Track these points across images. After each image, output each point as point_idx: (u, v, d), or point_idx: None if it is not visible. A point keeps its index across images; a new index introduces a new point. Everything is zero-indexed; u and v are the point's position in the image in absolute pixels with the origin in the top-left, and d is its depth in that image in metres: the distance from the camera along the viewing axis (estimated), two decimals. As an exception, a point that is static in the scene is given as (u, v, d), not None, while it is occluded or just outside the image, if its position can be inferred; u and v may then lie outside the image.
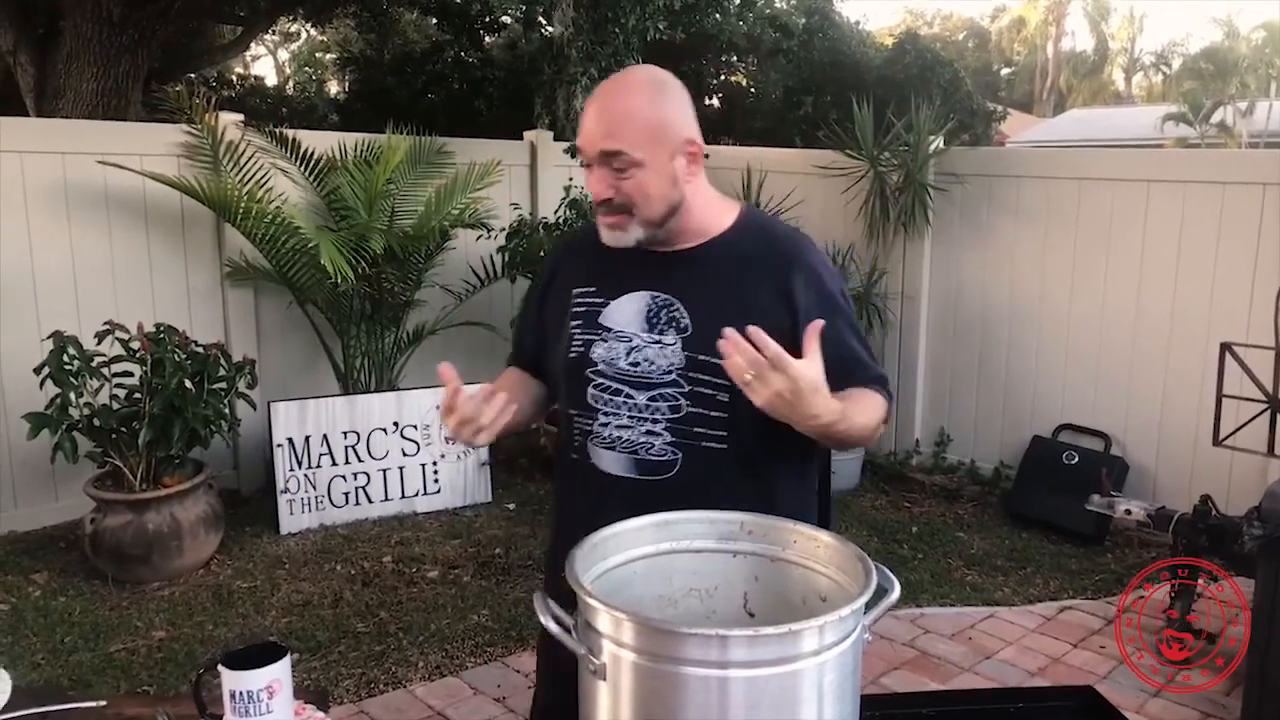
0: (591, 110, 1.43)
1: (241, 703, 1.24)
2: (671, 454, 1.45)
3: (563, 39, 5.22)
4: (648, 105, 1.43)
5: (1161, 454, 4.27)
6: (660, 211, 1.44)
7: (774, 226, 1.59)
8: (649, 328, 1.46)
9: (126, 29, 6.27)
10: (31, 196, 4.05)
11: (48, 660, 3.13)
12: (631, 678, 1.11)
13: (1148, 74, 33.53)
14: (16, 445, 3.86)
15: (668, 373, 1.44)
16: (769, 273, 1.48)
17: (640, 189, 1.42)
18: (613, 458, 1.47)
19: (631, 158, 1.40)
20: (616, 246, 1.47)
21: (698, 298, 1.46)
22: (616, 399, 1.46)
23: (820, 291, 1.49)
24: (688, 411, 1.44)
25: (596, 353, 1.48)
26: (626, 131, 1.40)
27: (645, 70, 1.50)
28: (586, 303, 1.52)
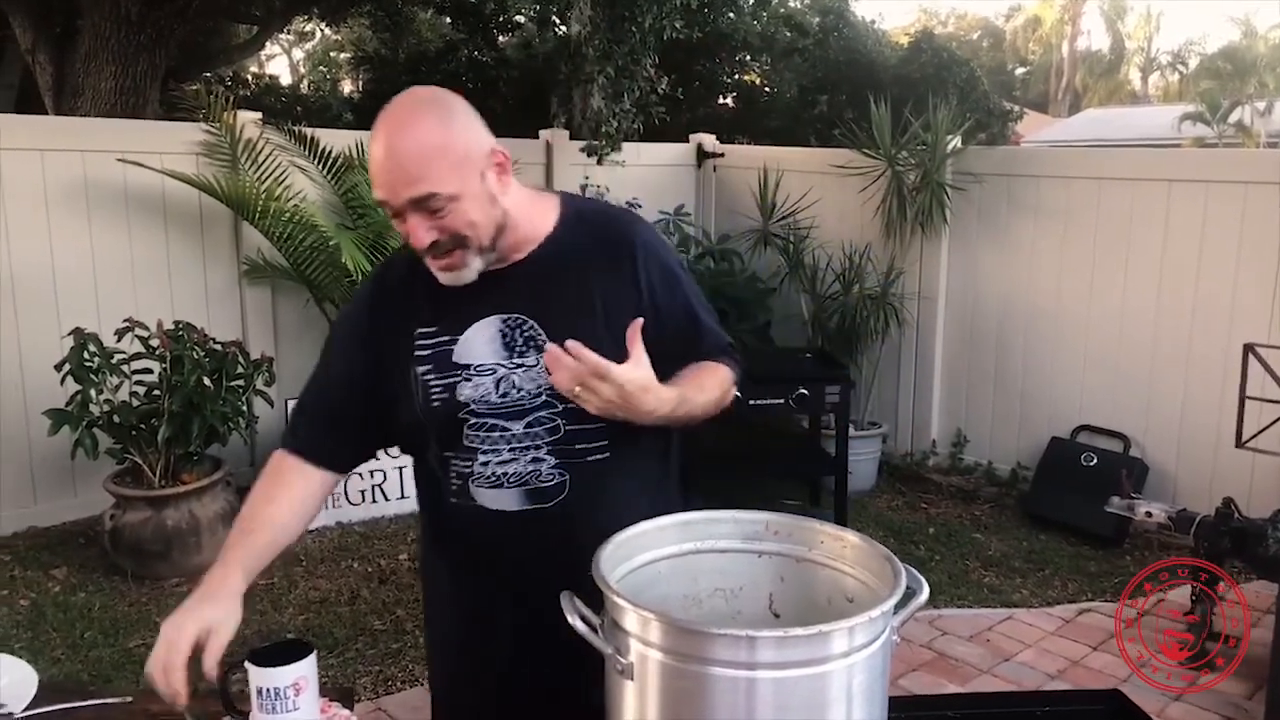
0: (381, 156, 1.29)
1: (268, 699, 1.24)
2: (559, 475, 1.39)
3: (579, 38, 5.22)
4: (439, 133, 1.30)
5: (1182, 456, 4.24)
6: (490, 235, 1.35)
7: (601, 212, 1.53)
8: (509, 353, 1.38)
9: (144, 28, 6.30)
10: (52, 194, 4.08)
11: (67, 655, 3.15)
12: (659, 677, 1.11)
13: (1164, 73, 33.30)
14: (37, 441, 3.88)
15: (538, 395, 1.37)
16: (609, 262, 1.43)
17: (465, 221, 1.31)
18: (498, 494, 1.39)
19: (445, 195, 1.29)
20: (459, 285, 1.37)
21: (549, 309, 1.39)
22: (494, 435, 1.38)
23: (660, 267, 1.46)
24: (566, 430, 1.38)
25: (464, 393, 1.38)
26: (428, 171, 1.28)
27: (418, 96, 1.35)
28: (432, 344, 1.40)
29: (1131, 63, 34.40)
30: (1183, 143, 17.00)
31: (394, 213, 1.32)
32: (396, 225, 1.35)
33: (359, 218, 4.58)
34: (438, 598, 1.58)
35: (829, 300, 5.01)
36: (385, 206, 1.32)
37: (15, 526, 4.08)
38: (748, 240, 5.32)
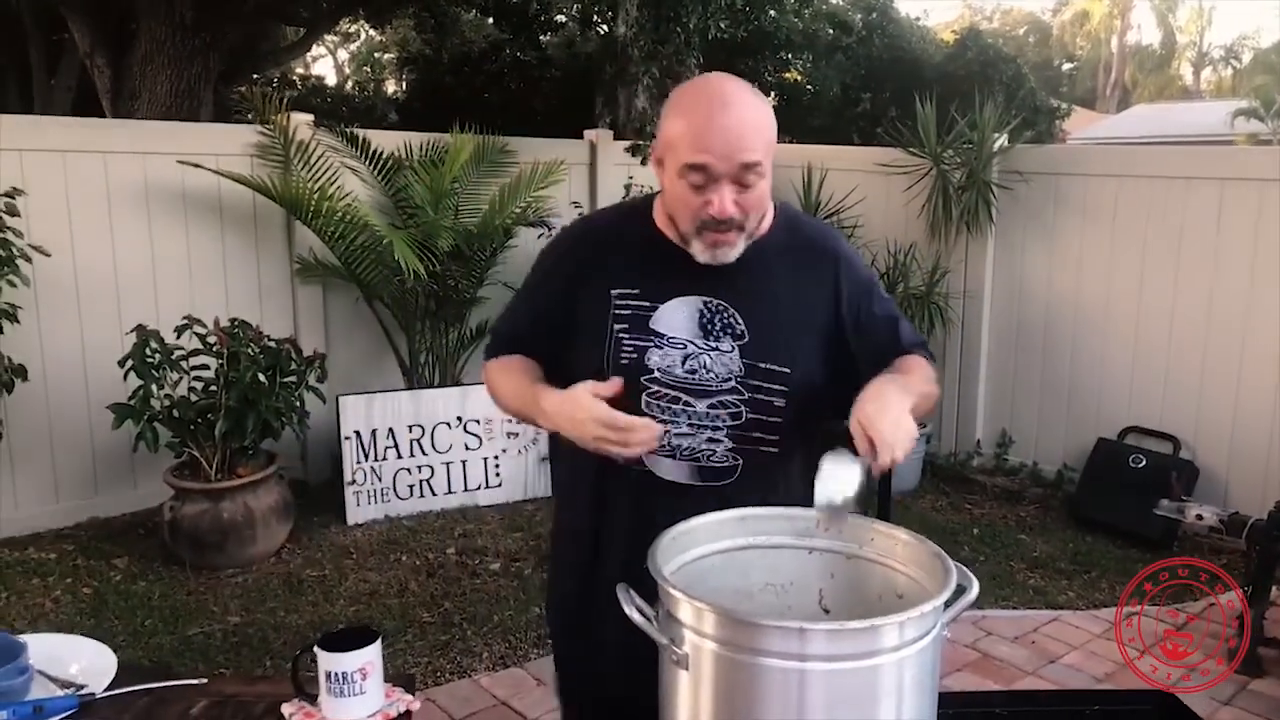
0: (712, 120, 1.33)
1: (336, 683, 1.30)
2: (733, 460, 1.45)
3: (625, 38, 5.26)
4: (765, 111, 1.38)
5: (1234, 458, 4.18)
6: (758, 220, 1.42)
7: (807, 223, 1.60)
8: (704, 334, 1.43)
9: (198, 32, 6.45)
10: (115, 196, 4.20)
11: (129, 642, 3.25)
12: (713, 668, 1.14)
13: (1217, 68, 32.58)
14: (99, 435, 4.01)
15: (726, 380, 1.42)
16: (815, 271, 1.50)
17: (760, 201, 1.39)
18: (673, 465, 1.45)
19: (764, 167, 1.36)
20: (719, 263, 1.41)
21: (753, 304, 1.44)
22: (674, 406, 1.43)
23: (857, 277, 1.54)
24: (748, 418, 1.43)
25: (652, 359, 1.43)
26: (759, 141, 1.35)
27: (731, 77, 1.41)
28: (632, 306, 1.45)
29: (1183, 57, 33.69)
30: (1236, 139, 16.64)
31: (706, 179, 1.34)
32: (687, 197, 1.36)
33: (409, 218, 4.66)
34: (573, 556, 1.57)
35: (873, 299, 4.99)
36: (697, 172, 1.33)
37: (78, 517, 4.21)
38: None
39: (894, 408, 1.30)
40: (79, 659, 1.45)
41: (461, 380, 4.77)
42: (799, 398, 1.44)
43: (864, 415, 1.29)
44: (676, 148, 1.36)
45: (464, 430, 4.48)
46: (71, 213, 4.09)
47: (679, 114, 1.37)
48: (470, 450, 4.51)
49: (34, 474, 4.12)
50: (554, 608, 1.68)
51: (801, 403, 1.45)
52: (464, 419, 4.48)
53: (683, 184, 1.36)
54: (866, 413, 1.29)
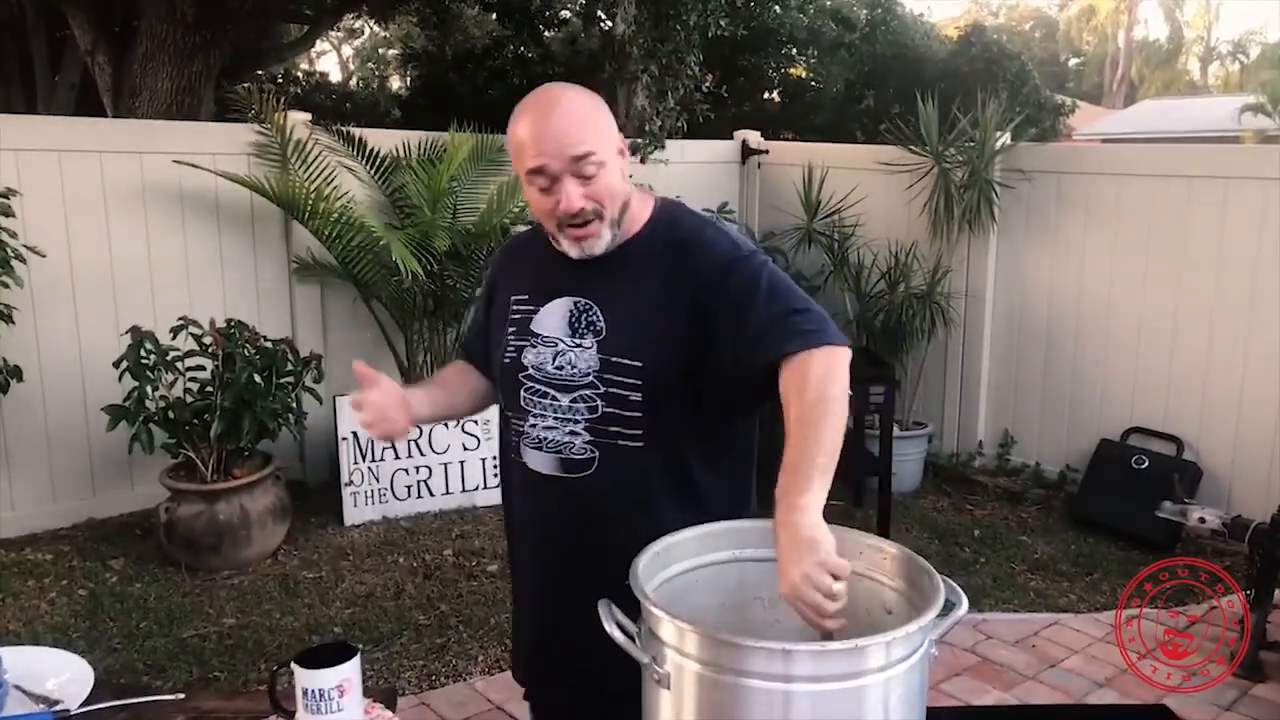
0: (541, 124, 1.41)
1: (313, 700, 1.27)
2: (590, 452, 1.48)
3: (624, 37, 5.22)
4: (592, 104, 1.46)
5: (1238, 460, 4.14)
6: (619, 209, 1.47)
7: (685, 221, 1.56)
8: (571, 333, 1.50)
9: (199, 29, 6.43)
10: (111, 195, 4.19)
11: (124, 645, 3.24)
12: (695, 688, 1.12)
13: (1224, 64, 32.40)
14: (96, 435, 3.99)
15: (585, 375, 1.47)
16: (679, 268, 1.49)
17: (607, 189, 1.44)
18: (540, 457, 1.52)
19: (599, 157, 1.42)
20: (589, 256, 1.48)
21: (612, 301, 1.50)
22: (544, 401, 1.50)
23: (717, 273, 1.45)
24: (604, 412, 1.46)
25: (528, 358, 1.53)
26: (589, 132, 1.42)
27: (560, 84, 1.50)
28: (521, 310, 1.57)
29: (1190, 52, 33.53)
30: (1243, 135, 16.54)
31: (549, 180, 1.42)
32: (539, 201, 1.45)
33: (406, 217, 4.64)
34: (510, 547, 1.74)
35: (874, 299, 4.97)
36: (539, 175, 1.42)
37: (75, 518, 4.20)
38: (792, 238, 5.28)
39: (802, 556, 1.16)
40: (55, 673, 1.43)
41: (460, 380, 4.74)
42: (655, 393, 1.44)
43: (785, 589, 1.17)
44: (519, 158, 1.45)
45: (462, 431, 4.46)
46: (67, 213, 4.07)
47: (514, 126, 1.46)
48: (468, 451, 4.49)
49: (30, 475, 4.11)
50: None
51: (660, 398, 1.45)
52: (461, 420, 4.46)
53: (533, 190, 1.45)
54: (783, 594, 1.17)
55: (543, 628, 1.62)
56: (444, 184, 4.54)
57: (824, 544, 1.17)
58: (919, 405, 5.06)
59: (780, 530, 1.21)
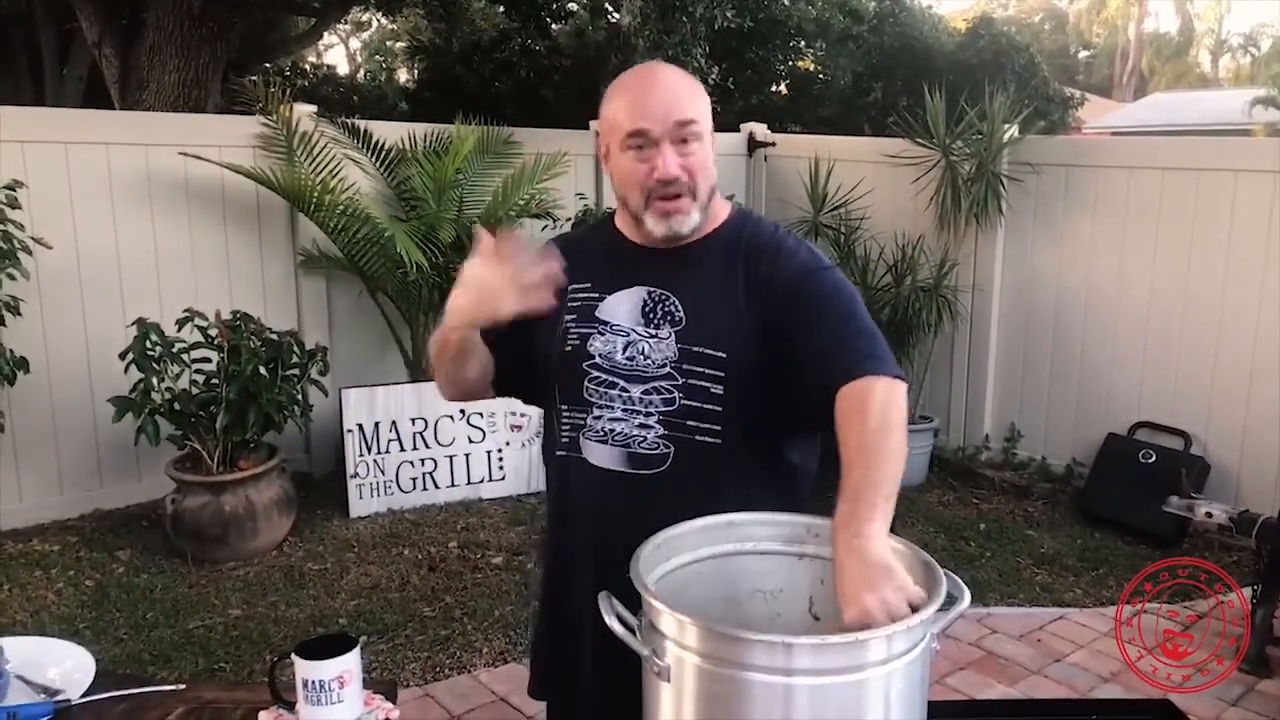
0: (643, 89, 1.41)
1: (313, 691, 1.27)
2: (664, 447, 1.42)
3: (630, 29, 5.21)
4: (694, 81, 1.46)
5: (1246, 455, 4.12)
6: (708, 191, 1.44)
7: (760, 222, 1.56)
8: (645, 322, 1.45)
9: (205, 22, 6.44)
10: (117, 187, 4.19)
11: (130, 635, 3.25)
12: (695, 681, 1.11)
13: (1235, 56, 32.18)
14: (103, 427, 4.00)
15: (661, 366, 1.42)
16: (750, 264, 1.46)
17: (703, 164, 1.42)
18: (604, 451, 1.45)
19: (700, 126, 1.40)
20: (675, 234, 1.43)
21: (691, 291, 1.45)
22: (611, 392, 1.44)
23: (794, 279, 1.42)
24: (681, 404, 1.41)
25: (594, 346, 1.46)
26: (693, 101, 1.41)
27: (659, 62, 1.51)
28: (583, 297, 1.50)
29: (1201, 45, 33.30)
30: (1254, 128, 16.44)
31: (645, 143, 1.39)
32: (633, 169, 1.40)
33: (411, 210, 4.63)
34: (549, 546, 1.65)
35: (881, 292, 4.94)
36: (638, 138, 1.39)
37: (82, 509, 4.21)
38: (798, 231, 5.27)
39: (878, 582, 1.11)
40: (57, 663, 1.44)
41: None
42: (737, 386, 1.40)
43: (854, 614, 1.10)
44: (617, 125, 1.42)
45: (467, 423, 4.46)
46: (74, 204, 4.08)
47: (614, 97, 1.44)
48: (473, 443, 4.49)
49: (38, 466, 4.12)
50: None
51: (742, 392, 1.40)
52: (467, 412, 4.46)
53: (627, 158, 1.41)
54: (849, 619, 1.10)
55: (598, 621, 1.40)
56: (450, 176, 4.54)
57: (899, 571, 1.12)
58: (925, 399, 5.05)
59: (847, 557, 1.15)
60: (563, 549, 1.57)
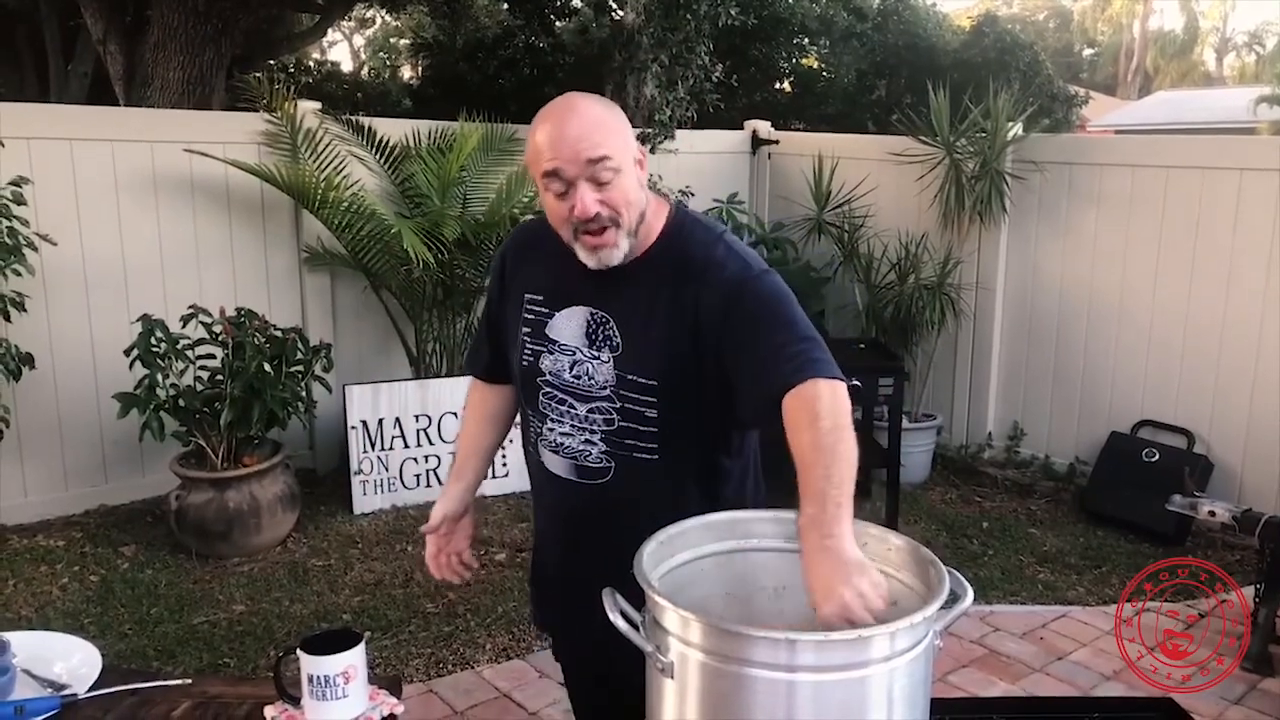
0: (559, 128, 1.41)
1: (319, 686, 1.28)
2: (605, 462, 1.51)
3: (634, 26, 5.20)
4: (609, 112, 1.46)
5: (1249, 454, 4.12)
6: (636, 219, 1.46)
7: (692, 230, 1.54)
8: (589, 344, 1.51)
9: (210, 18, 6.43)
10: (122, 184, 4.20)
11: (135, 630, 3.26)
12: (698, 677, 1.12)
13: (1240, 54, 32.08)
14: (108, 423, 4.02)
15: (603, 388, 1.49)
16: (679, 283, 1.47)
17: (623, 196, 1.42)
18: (557, 461, 1.56)
19: (615, 162, 1.40)
20: (605, 266, 1.46)
21: (626, 317, 1.49)
22: (561, 408, 1.53)
23: (725, 292, 1.44)
24: (619, 425, 1.49)
25: (545, 364, 1.54)
26: (604, 138, 1.40)
27: (578, 93, 1.50)
28: (535, 312, 1.57)
29: (1206, 43, 33.20)
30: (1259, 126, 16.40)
31: (564, 184, 1.41)
32: (555, 207, 1.44)
33: (415, 206, 4.64)
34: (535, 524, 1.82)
35: (884, 290, 4.95)
36: (555, 179, 1.41)
37: (87, 504, 4.23)
38: (802, 229, 5.27)
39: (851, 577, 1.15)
40: (63, 658, 1.45)
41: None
42: (670, 410, 1.46)
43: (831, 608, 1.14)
44: (535, 163, 1.44)
45: (471, 420, 4.46)
46: (79, 201, 4.09)
47: (532, 133, 1.45)
48: (477, 440, 4.49)
49: (43, 462, 4.13)
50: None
51: (675, 416, 1.47)
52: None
53: (549, 196, 1.44)
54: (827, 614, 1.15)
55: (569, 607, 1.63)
56: (454, 173, 4.54)
57: (871, 567, 1.18)
58: (928, 397, 5.05)
59: (818, 556, 1.18)
60: (540, 528, 1.76)
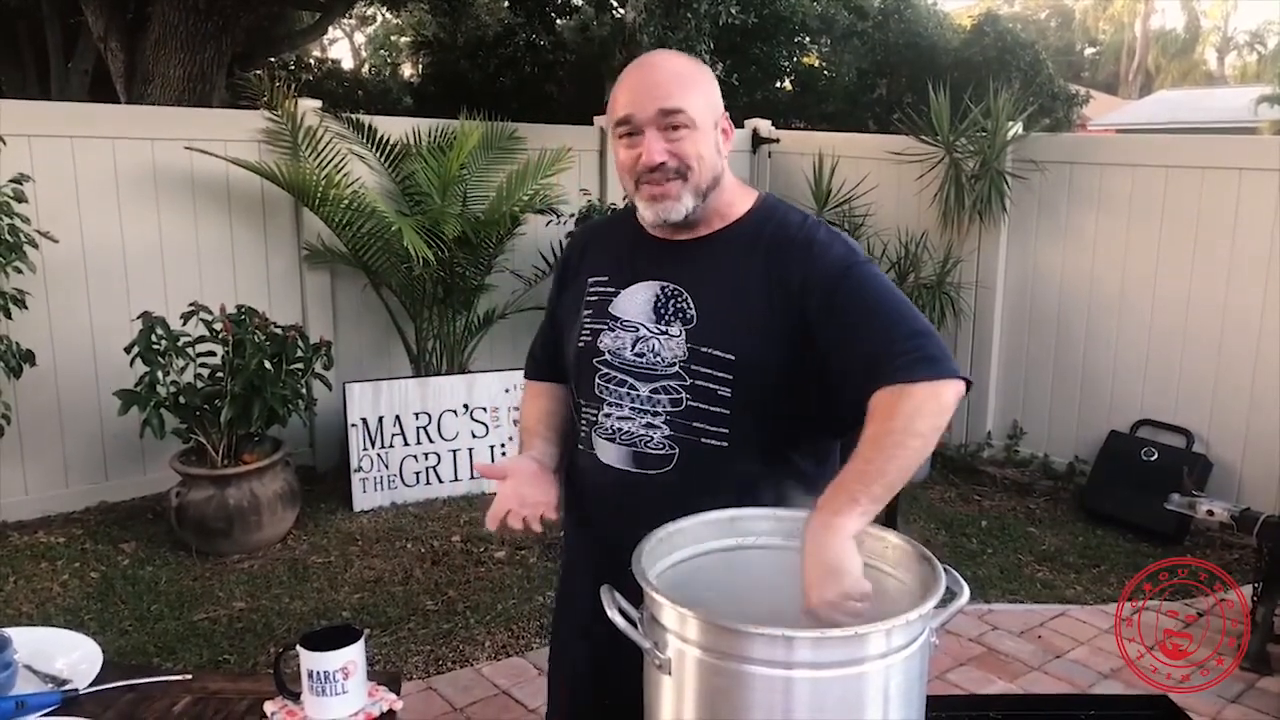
0: (636, 78, 1.40)
1: (318, 682, 1.29)
2: (669, 448, 1.40)
3: (634, 25, 5.21)
4: (694, 70, 1.43)
5: (1248, 453, 4.12)
6: (708, 179, 1.40)
7: (787, 213, 1.48)
8: (656, 318, 1.42)
9: (211, 16, 6.44)
10: (123, 181, 4.20)
11: (135, 627, 3.27)
12: (696, 674, 1.13)
13: (1241, 54, 32.07)
14: (109, 420, 4.02)
15: (670, 365, 1.39)
16: (776, 260, 1.40)
17: (695, 150, 1.38)
18: (613, 450, 1.44)
19: (688, 116, 1.37)
20: (664, 222, 1.40)
21: (704, 288, 1.42)
22: (621, 389, 1.43)
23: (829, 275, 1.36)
24: (688, 405, 1.39)
25: (604, 342, 1.45)
26: (682, 91, 1.38)
27: (669, 50, 1.50)
28: (599, 291, 1.49)
29: (1207, 42, 33.18)
30: (1259, 126, 16.39)
31: (632, 130, 1.38)
32: (624, 156, 1.40)
33: (415, 204, 4.65)
34: (567, 541, 1.66)
35: (884, 289, 4.95)
36: (625, 125, 1.39)
37: (88, 501, 4.23)
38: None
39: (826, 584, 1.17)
40: (64, 654, 1.45)
41: (468, 368, 4.76)
42: (746, 390, 1.37)
43: (812, 603, 1.17)
44: (612, 113, 1.42)
45: (470, 418, 4.48)
46: (79, 199, 4.09)
47: (617, 87, 1.43)
48: (477, 438, 4.50)
49: (44, 458, 4.14)
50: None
51: (750, 396, 1.37)
52: (471, 406, 4.47)
53: (621, 145, 1.41)
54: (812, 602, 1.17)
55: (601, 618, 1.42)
56: (454, 172, 4.54)
57: (850, 574, 1.17)
58: (928, 396, 5.04)
59: (809, 542, 1.19)
60: (574, 546, 1.60)
